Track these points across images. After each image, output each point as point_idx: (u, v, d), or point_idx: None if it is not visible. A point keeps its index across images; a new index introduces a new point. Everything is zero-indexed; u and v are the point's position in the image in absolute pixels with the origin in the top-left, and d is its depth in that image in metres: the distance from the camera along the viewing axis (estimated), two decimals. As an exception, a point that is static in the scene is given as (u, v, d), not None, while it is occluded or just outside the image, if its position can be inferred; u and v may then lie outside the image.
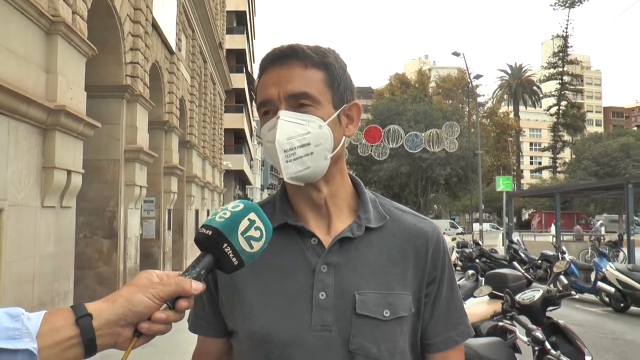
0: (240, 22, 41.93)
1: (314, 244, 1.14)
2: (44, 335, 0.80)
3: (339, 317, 1.08)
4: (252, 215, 0.96)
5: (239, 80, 38.65)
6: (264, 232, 0.97)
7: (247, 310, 1.12)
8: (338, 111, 1.15)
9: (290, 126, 1.08)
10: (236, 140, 42.68)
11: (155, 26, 12.48)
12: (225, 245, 0.93)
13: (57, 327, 0.81)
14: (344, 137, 1.17)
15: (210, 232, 0.94)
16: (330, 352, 1.07)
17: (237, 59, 40.91)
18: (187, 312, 1.03)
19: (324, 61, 1.13)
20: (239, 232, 0.94)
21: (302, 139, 1.08)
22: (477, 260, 14.01)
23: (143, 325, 0.86)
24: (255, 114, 60.55)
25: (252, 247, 0.95)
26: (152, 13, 11.87)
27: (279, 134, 1.07)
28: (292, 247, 1.15)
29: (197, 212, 20.26)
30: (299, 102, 1.10)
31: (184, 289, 0.88)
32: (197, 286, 0.90)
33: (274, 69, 1.12)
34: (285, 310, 1.09)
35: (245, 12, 41.79)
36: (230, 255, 0.94)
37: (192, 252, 18.60)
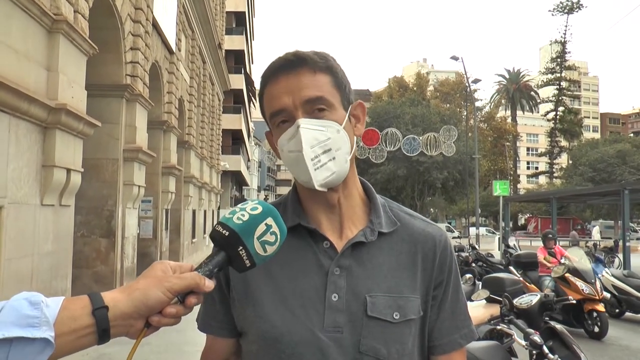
0: (239, 23, 41.95)
1: (327, 247, 1.16)
2: (62, 323, 0.82)
3: (350, 318, 1.11)
4: (270, 220, 0.98)
5: (237, 81, 38.69)
6: (278, 236, 0.99)
7: (259, 310, 1.13)
8: (348, 112, 1.17)
9: (311, 133, 1.09)
10: (234, 141, 42.68)
11: (155, 26, 12.49)
12: (241, 248, 0.95)
13: (75, 316, 0.84)
14: (355, 137, 1.20)
15: (227, 233, 0.96)
16: (340, 352, 1.09)
17: (236, 59, 40.91)
18: (195, 308, 1.06)
19: (328, 65, 1.15)
20: (255, 237, 0.96)
21: (324, 146, 1.10)
22: (474, 264, 14.02)
23: (154, 318, 0.89)
24: (253, 115, 60.60)
25: (265, 251, 0.97)
26: (152, 13, 11.89)
27: (304, 143, 1.08)
28: (305, 249, 1.17)
29: (194, 212, 20.24)
30: (315, 108, 1.11)
31: (198, 284, 0.91)
32: (210, 284, 0.93)
33: (283, 78, 1.13)
34: (297, 311, 1.11)
35: (244, 13, 41.81)
36: (244, 258, 0.96)
37: (189, 252, 18.59)
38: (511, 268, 10.94)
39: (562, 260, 9.62)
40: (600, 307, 8.46)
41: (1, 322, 0.78)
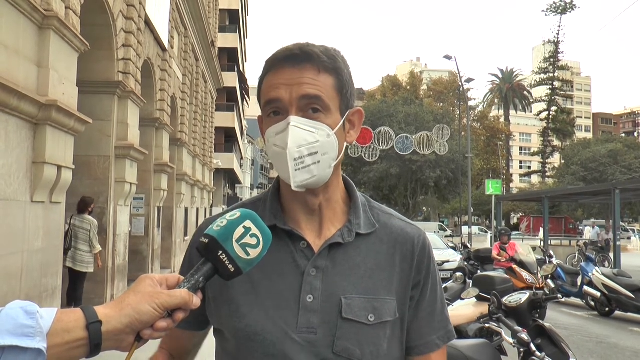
0: (232, 20, 41.86)
1: (303, 247, 1.15)
2: (55, 335, 0.83)
3: (324, 319, 1.10)
4: (248, 223, 0.98)
5: (230, 79, 38.59)
6: (260, 239, 0.98)
7: (234, 309, 1.13)
8: (344, 118, 1.15)
9: (300, 133, 1.07)
10: (227, 139, 42.59)
11: (148, 23, 12.44)
12: (221, 252, 0.96)
13: (69, 328, 0.85)
14: (345, 144, 1.18)
15: (207, 240, 0.97)
16: (314, 353, 1.09)
17: (229, 57, 40.85)
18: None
19: (335, 66, 1.12)
20: (234, 240, 0.96)
21: (310, 148, 1.08)
22: (465, 263, 14.09)
23: (146, 332, 0.91)
24: (247, 113, 60.48)
25: (248, 254, 0.97)
26: (145, 10, 11.84)
27: (290, 142, 1.06)
28: (282, 249, 1.15)
29: (186, 210, 20.20)
30: (310, 107, 1.09)
31: (187, 303, 0.93)
32: (197, 301, 0.95)
33: (285, 70, 1.10)
34: (272, 311, 1.11)
35: (237, 10, 41.72)
36: (226, 262, 0.96)
37: (181, 250, 18.54)
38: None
39: (515, 256, 11.06)
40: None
41: None
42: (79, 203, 8.56)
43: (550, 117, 67.34)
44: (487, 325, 4.11)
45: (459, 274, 7.44)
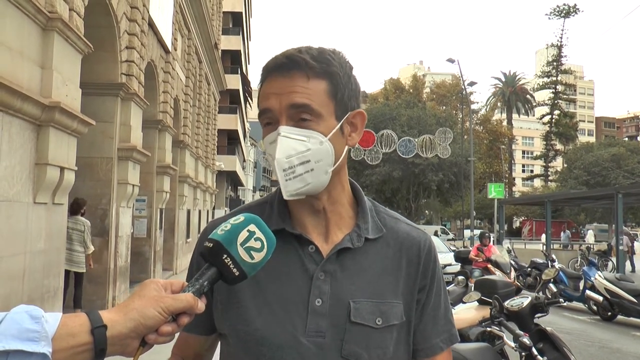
0: (236, 23, 41.93)
1: (312, 251, 1.15)
2: (60, 339, 0.83)
3: (333, 323, 1.10)
4: (252, 227, 0.98)
5: (233, 81, 38.65)
6: (264, 242, 0.98)
7: (242, 312, 1.13)
8: (340, 123, 1.13)
9: (290, 143, 1.07)
10: (229, 141, 42.67)
11: (151, 25, 12.47)
12: (225, 256, 0.95)
13: (73, 333, 0.84)
14: (346, 147, 1.16)
15: (212, 245, 0.97)
16: (322, 357, 1.09)
17: (232, 59, 40.90)
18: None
19: (327, 70, 1.10)
20: (238, 243, 0.96)
21: (301, 157, 1.07)
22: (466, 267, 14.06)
23: (151, 336, 0.90)
24: (249, 115, 60.58)
25: (252, 258, 0.97)
26: (148, 12, 11.86)
27: (278, 152, 1.06)
28: (290, 253, 1.15)
29: (188, 212, 20.22)
30: (300, 116, 1.08)
31: (192, 307, 0.93)
32: (202, 306, 0.95)
33: (275, 79, 1.10)
34: (280, 315, 1.11)
35: (241, 13, 41.81)
36: (231, 266, 0.96)
37: (183, 252, 18.55)
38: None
39: (492, 257, 11.34)
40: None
41: (1, 333, 0.79)
42: (71, 205, 8.49)
43: (553, 120, 67.22)
44: (488, 329, 4.10)
45: (460, 277, 7.42)
